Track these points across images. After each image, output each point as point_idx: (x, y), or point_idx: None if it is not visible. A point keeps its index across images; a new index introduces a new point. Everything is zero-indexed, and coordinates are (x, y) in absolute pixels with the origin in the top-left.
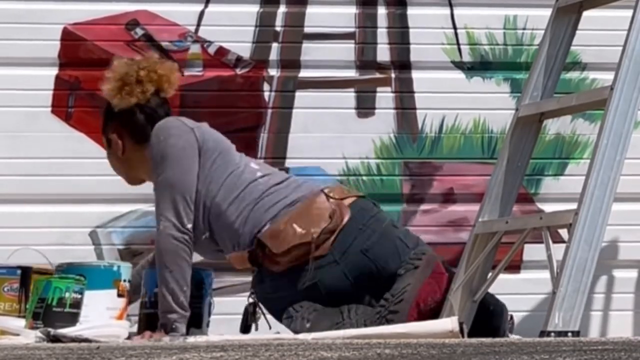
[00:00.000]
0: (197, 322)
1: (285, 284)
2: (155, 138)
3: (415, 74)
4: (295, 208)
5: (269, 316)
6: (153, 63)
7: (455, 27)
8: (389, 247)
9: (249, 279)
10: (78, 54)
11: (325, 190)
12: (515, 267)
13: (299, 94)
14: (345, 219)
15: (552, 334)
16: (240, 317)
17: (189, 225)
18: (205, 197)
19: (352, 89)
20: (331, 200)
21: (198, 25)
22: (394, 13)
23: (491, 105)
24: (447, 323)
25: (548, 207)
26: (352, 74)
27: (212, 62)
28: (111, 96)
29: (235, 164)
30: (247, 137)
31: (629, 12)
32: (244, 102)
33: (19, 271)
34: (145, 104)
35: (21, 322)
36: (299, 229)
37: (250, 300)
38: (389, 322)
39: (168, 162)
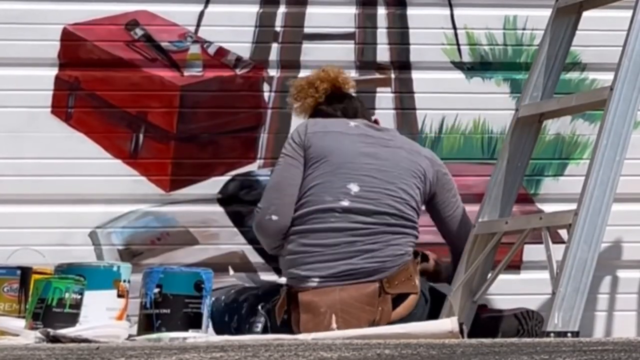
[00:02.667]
0: (197, 322)
1: None
2: None
3: (415, 75)
4: (344, 290)
5: None
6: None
7: (455, 28)
8: None
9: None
10: (78, 54)
11: (383, 280)
12: (515, 267)
13: None
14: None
15: (552, 334)
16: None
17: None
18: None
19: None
20: (383, 295)
21: (198, 25)
22: (394, 13)
23: (491, 105)
24: (447, 323)
25: (548, 208)
26: (352, 74)
27: (212, 62)
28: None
29: (329, 176)
30: (247, 137)
31: (629, 13)
32: (243, 102)
33: (18, 271)
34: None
35: (21, 323)
36: (334, 324)
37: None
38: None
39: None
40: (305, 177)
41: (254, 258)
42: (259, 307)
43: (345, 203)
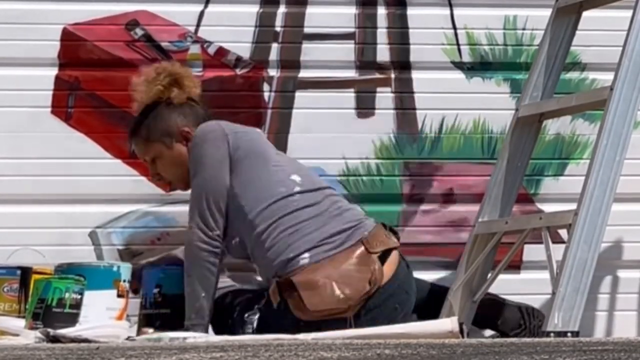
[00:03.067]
0: None
1: (303, 327)
2: (193, 142)
3: (415, 74)
4: (334, 260)
5: None
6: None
7: (455, 28)
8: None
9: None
10: (78, 54)
11: (364, 242)
12: (515, 267)
13: (298, 94)
14: (384, 282)
15: (552, 334)
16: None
17: (217, 232)
18: (235, 204)
19: (352, 89)
20: (369, 256)
21: (198, 25)
22: (394, 13)
23: (491, 105)
24: (447, 323)
25: (548, 208)
26: (352, 74)
27: (212, 62)
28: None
29: (271, 172)
30: None
31: (629, 13)
32: (243, 102)
33: (18, 271)
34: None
35: (21, 323)
36: (337, 291)
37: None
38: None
39: (199, 167)
40: (239, 175)
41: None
42: (247, 314)
43: (297, 188)
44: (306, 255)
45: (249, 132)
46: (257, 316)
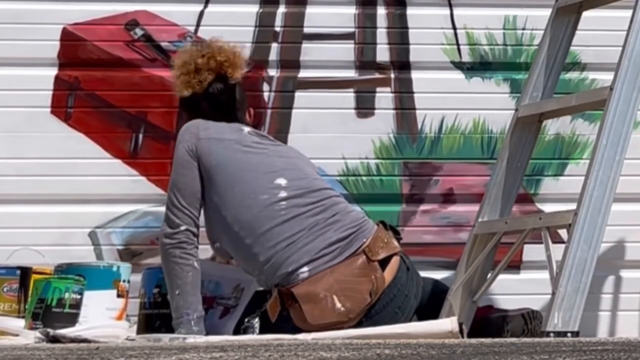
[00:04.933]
0: None
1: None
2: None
3: (415, 74)
4: (335, 271)
5: None
6: (213, 49)
7: (454, 28)
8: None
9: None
10: (78, 54)
11: (366, 249)
12: (514, 267)
13: (298, 94)
14: (384, 288)
15: (552, 334)
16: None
17: (183, 227)
18: (214, 211)
19: (352, 89)
20: (370, 264)
21: (198, 25)
22: (394, 13)
23: (491, 105)
24: (447, 323)
25: (548, 208)
26: (351, 74)
27: None
28: (173, 85)
29: (252, 180)
30: None
31: (629, 12)
32: None
33: (18, 271)
34: (205, 91)
35: (20, 323)
36: (338, 304)
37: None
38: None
39: (174, 166)
40: (217, 185)
41: None
42: (247, 318)
43: (283, 194)
44: (305, 269)
45: (224, 133)
46: (257, 320)
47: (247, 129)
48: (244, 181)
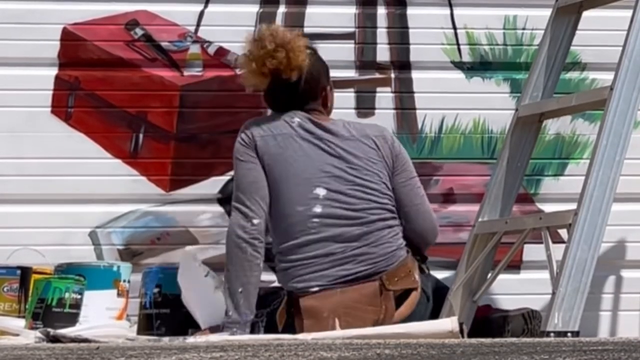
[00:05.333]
0: (196, 321)
1: None
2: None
3: (415, 74)
4: (345, 292)
5: None
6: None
7: (455, 27)
8: None
9: None
10: (78, 54)
11: (383, 277)
12: (515, 267)
13: None
14: (396, 321)
15: (552, 334)
16: None
17: (257, 220)
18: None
19: (352, 89)
20: (384, 292)
21: (198, 25)
22: (394, 13)
23: (491, 105)
24: (447, 323)
25: (548, 207)
26: (352, 74)
27: (212, 62)
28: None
29: (293, 186)
30: None
31: (629, 12)
32: (243, 102)
33: (18, 271)
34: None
35: (21, 322)
36: (338, 328)
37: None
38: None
39: (235, 165)
40: (270, 186)
41: None
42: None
43: (317, 209)
44: (316, 288)
45: (276, 133)
46: (262, 319)
47: (296, 119)
48: (286, 186)
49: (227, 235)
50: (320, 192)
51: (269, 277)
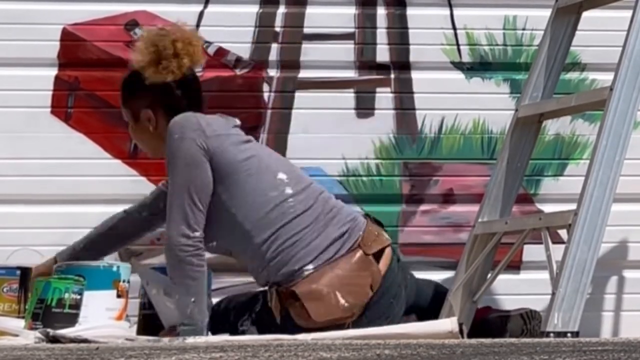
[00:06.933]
0: None
1: (304, 332)
2: (170, 135)
3: (415, 75)
4: (335, 266)
5: None
6: (188, 33)
7: (454, 28)
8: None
9: (250, 279)
10: (77, 54)
11: (361, 244)
12: (514, 267)
13: (298, 95)
14: (380, 285)
15: (552, 334)
16: None
17: (198, 233)
18: (221, 209)
19: (352, 90)
20: (367, 256)
21: (198, 25)
22: (394, 13)
23: (491, 105)
24: (447, 323)
25: (547, 208)
26: (351, 74)
27: (212, 62)
28: (144, 68)
29: (259, 176)
30: None
31: (629, 13)
32: (243, 102)
33: (18, 272)
34: (180, 78)
35: (20, 323)
36: (341, 300)
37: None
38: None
39: (179, 165)
40: (227, 184)
41: None
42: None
43: (289, 190)
44: (310, 266)
45: (223, 127)
46: (250, 323)
47: (233, 120)
48: (253, 178)
49: (169, 244)
50: (282, 175)
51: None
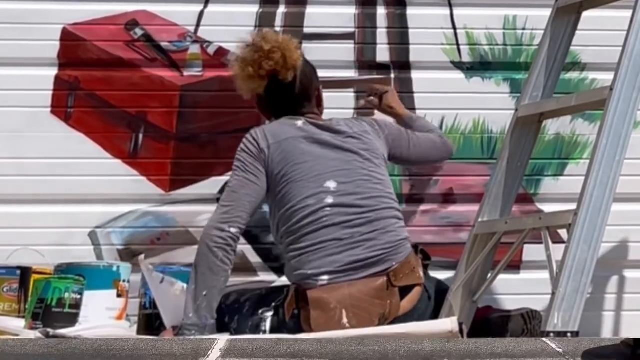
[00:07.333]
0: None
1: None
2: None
3: (415, 74)
4: (352, 285)
5: None
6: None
7: (454, 28)
8: None
9: (249, 278)
10: (77, 54)
11: (390, 273)
12: (514, 267)
13: None
14: (399, 315)
15: (552, 334)
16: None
17: (234, 230)
18: (272, 209)
19: (352, 89)
20: (390, 288)
21: (197, 25)
22: (394, 13)
23: (491, 105)
24: (447, 323)
25: (547, 208)
26: (352, 74)
27: (212, 62)
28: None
29: (304, 183)
30: None
31: (629, 12)
32: (243, 102)
33: (18, 271)
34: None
35: (20, 323)
36: (345, 319)
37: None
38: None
39: (235, 170)
40: (276, 192)
41: (253, 258)
42: (261, 310)
43: (329, 200)
44: (325, 277)
45: (281, 139)
46: (271, 313)
47: (299, 122)
48: (296, 186)
49: (202, 235)
50: (331, 184)
51: (270, 278)
